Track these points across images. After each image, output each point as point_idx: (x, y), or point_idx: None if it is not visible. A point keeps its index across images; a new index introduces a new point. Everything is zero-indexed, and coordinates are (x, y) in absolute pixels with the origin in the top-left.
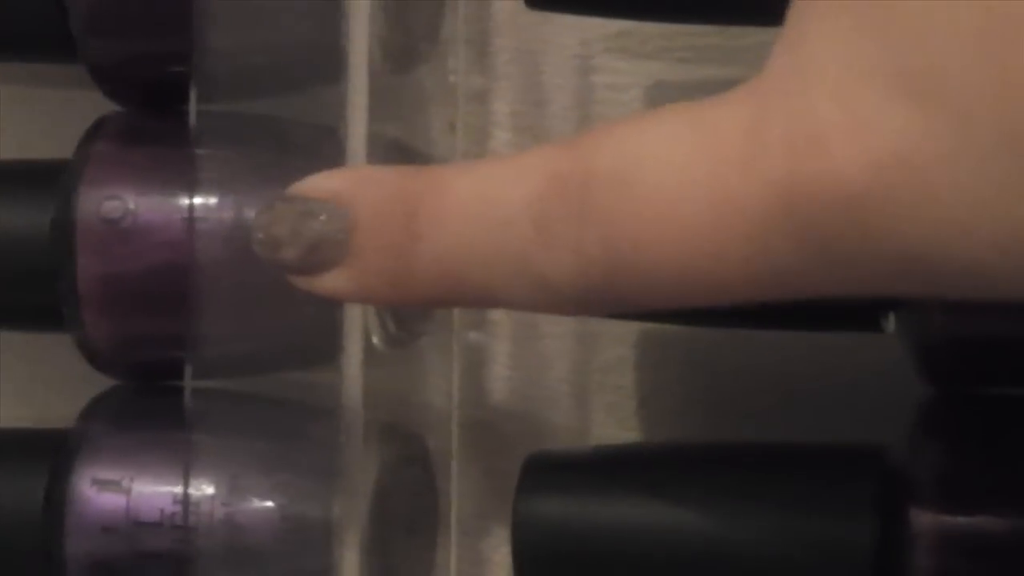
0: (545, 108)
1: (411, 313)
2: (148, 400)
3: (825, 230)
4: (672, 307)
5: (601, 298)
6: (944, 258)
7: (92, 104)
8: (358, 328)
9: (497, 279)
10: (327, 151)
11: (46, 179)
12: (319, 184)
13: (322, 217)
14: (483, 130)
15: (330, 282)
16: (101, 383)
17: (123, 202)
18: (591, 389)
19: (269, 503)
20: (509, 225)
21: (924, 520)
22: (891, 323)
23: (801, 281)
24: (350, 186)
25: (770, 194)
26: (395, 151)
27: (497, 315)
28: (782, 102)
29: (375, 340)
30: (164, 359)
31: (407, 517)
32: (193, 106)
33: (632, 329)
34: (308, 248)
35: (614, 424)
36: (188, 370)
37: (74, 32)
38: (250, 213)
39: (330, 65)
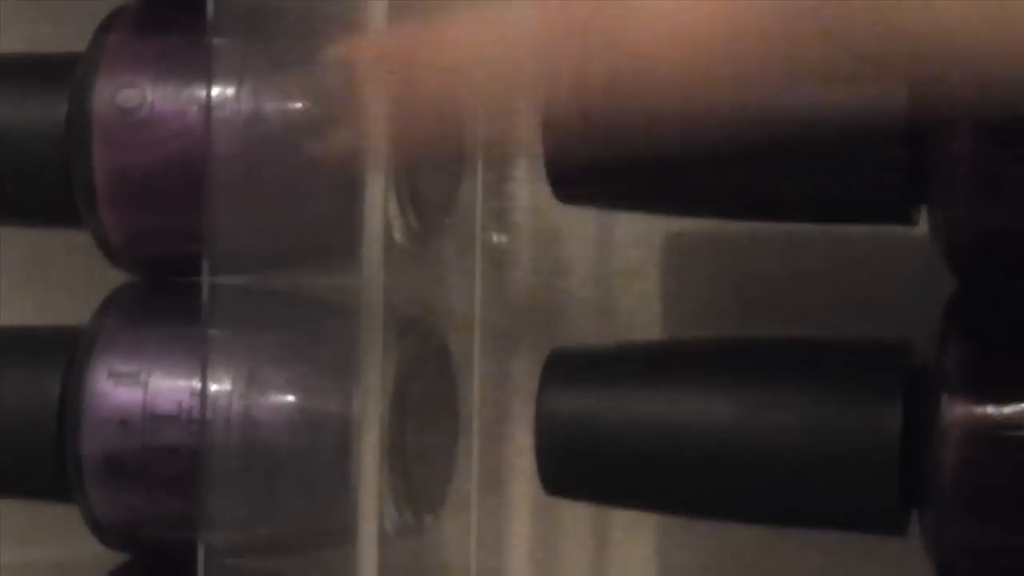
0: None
1: (432, 205)
2: (164, 295)
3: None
4: (674, 138)
5: (602, 130)
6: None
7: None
8: (379, 220)
9: (499, 116)
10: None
11: (61, 72)
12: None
13: (326, 73)
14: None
15: (339, 137)
16: (115, 283)
17: (140, 91)
18: (615, 293)
19: (286, 398)
20: (514, 58)
21: (953, 411)
22: (920, 218)
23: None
24: (353, 44)
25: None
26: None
27: (520, 217)
28: None
29: (396, 234)
30: (181, 253)
31: (426, 416)
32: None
33: (656, 231)
34: (316, 102)
35: (638, 328)
36: (205, 265)
37: None
38: (266, 103)
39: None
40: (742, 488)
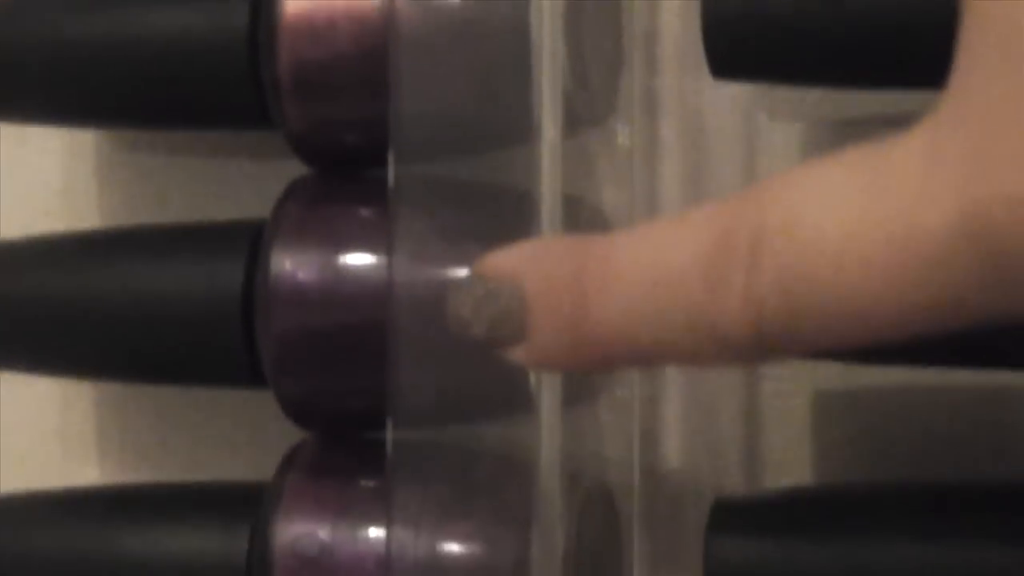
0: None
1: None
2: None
3: (1004, 247)
4: (846, 345)
5: (775, 344)
6: None
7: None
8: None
9: (669, 336)
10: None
11: (243, 504)
12: (497, 263)
13: (500, 296)
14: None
15: (514, 353)
16: None
17: (317, 539)
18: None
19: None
20: (679, 282)
21: None
22: None
23: (980, 306)
24: (522, 263)
25: (951, 217)
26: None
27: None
28: (957, 128)
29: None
30: None
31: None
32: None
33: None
34: (490, 325)
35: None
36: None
37: (265, 366)
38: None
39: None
40: None
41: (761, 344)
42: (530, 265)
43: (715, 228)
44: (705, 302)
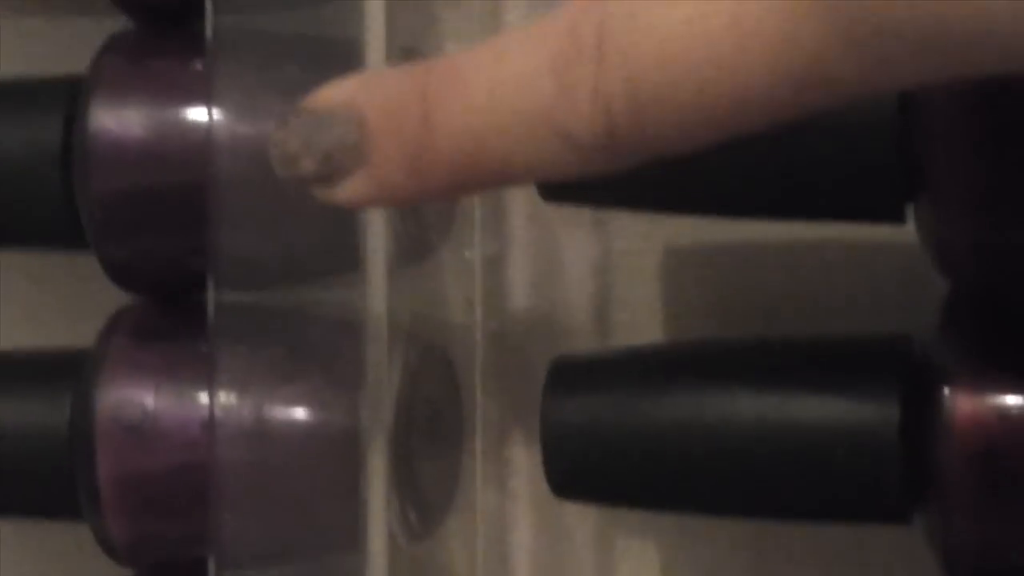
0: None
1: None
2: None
3: (848, 7)
4: (699, 140)
5: (626, 141)
6: (963, 25)
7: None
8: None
9: (519, 144)
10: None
11: (64, 371)
12: (328, 94)
13: (334, 125)
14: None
15: (350, 188)
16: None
17: (141, 405)
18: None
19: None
20: (527, 86)
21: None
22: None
23: (827, 72)
24: (358, 90)
25: None
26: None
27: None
28: None
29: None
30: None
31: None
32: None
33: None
34: (323, 157)
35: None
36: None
37: (86, 228)
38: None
39: (347, 258)
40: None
41: (612, 143)
42: (367, 90)
43: (560, 27)
44: (554, 103)
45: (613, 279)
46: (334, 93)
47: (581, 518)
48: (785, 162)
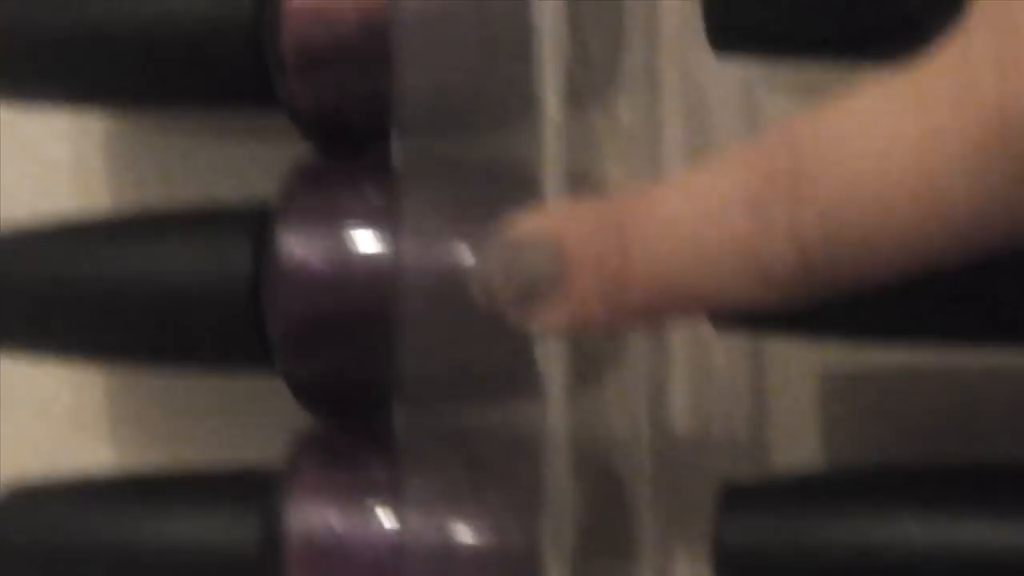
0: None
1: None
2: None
3: None
4: (887, 274)
5: (820, 277)
6: None
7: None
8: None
9: (712, 276)
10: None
11: (252, 490)
12: (528, 224)
13: (534, 254)
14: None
15: (545, 315)
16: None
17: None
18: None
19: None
20: (722, 221)
21: None
22: None
23: (1015, 210)
24: (557, 220)
25: (984, 119)
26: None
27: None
28: (987, 36)
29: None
30: None
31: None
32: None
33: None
34: (522, 285)
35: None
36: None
37: (273, 351)
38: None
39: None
40: None
41: (805, 278)
42: (566, 221)
43: (753, 166)
44: (749, 239)
45: (770, 396)
46: (533, 223)
47: None
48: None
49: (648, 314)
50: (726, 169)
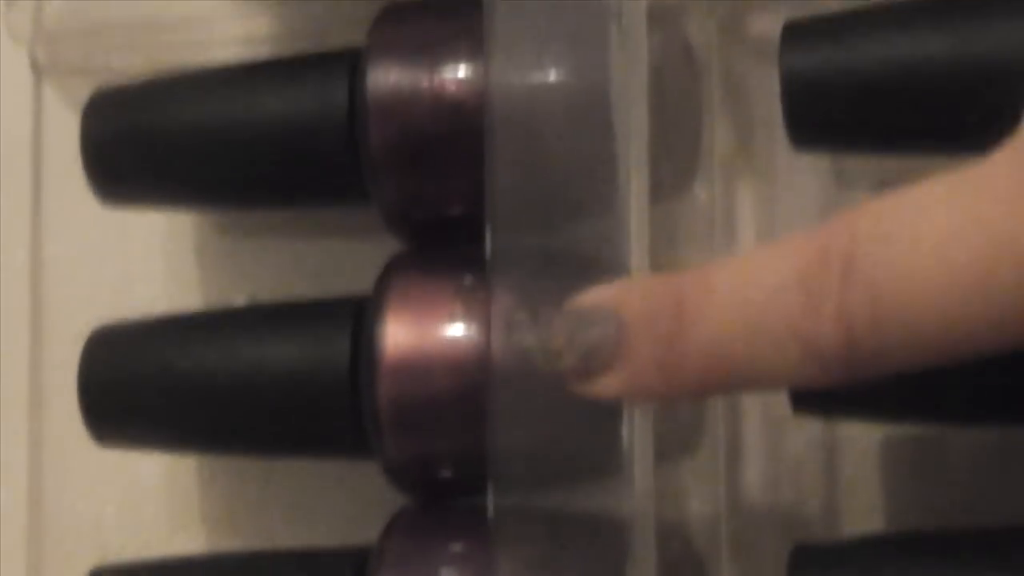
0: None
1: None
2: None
3: None
4: (932, 361)
5: (868, 359)
6: None
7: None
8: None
9: (764, 353)
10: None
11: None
12: (592, 296)
13: (594, 324)
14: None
15: (605, 383)
16: None
17: None
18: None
19: None
20: (774, 300)
21: None
22: None
23: None
24: (619, 293)
25: None
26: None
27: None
28: None
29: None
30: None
31: None
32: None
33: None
34: (584, 353)
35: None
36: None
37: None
38: None
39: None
40: None
41: (852, 359)
42: (627, 294)
43: (809, 248)
44: (800, 318)
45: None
46: (597, 295)
47: None
48: None
49: (704, 387)
50: (785, 250)
